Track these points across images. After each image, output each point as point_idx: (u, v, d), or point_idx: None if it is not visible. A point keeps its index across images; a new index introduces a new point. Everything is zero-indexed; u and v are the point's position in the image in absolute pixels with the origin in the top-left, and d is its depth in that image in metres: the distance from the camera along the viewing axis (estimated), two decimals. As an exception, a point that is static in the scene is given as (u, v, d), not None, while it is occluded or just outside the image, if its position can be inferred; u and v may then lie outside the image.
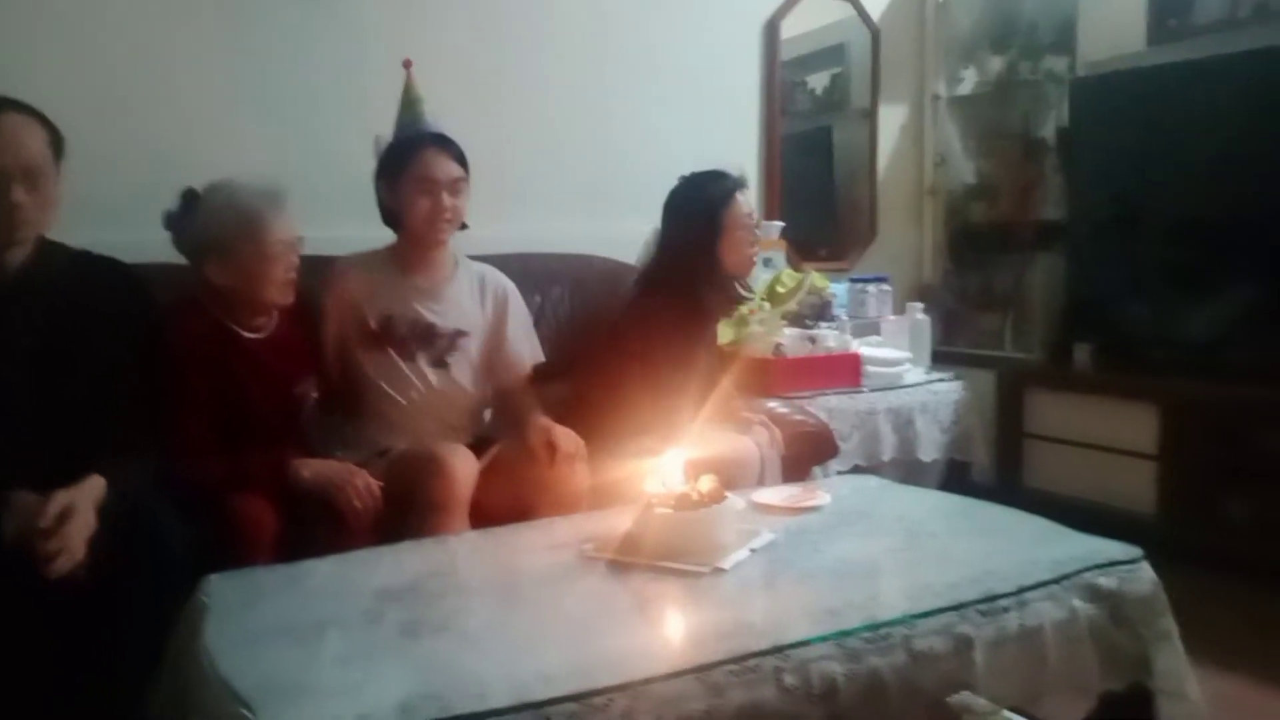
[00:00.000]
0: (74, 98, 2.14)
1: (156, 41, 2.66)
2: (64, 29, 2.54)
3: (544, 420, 2.28)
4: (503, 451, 2.32)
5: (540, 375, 2.51)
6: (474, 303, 2.46)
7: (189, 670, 1.45)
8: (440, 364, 2.38)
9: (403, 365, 2.34)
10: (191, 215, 2.13)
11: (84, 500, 1.70)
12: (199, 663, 1.38)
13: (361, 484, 2.06)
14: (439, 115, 2.44)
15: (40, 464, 1.75)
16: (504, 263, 2.58)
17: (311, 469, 2.08)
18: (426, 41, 2.89)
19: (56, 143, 1.89)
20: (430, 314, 2.38)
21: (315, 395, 2.26)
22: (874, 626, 1.39)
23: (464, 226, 2.42)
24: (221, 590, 1.58)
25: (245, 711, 1.19)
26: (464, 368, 2.41)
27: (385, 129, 2.44)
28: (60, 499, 1.67)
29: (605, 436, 2.32)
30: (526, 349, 2.52)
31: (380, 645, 1.39)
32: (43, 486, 1.69)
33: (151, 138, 2.62)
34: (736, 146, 3.67)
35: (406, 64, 2.45)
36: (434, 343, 2.38)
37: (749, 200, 2.56)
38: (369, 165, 2.42)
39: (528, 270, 2.69)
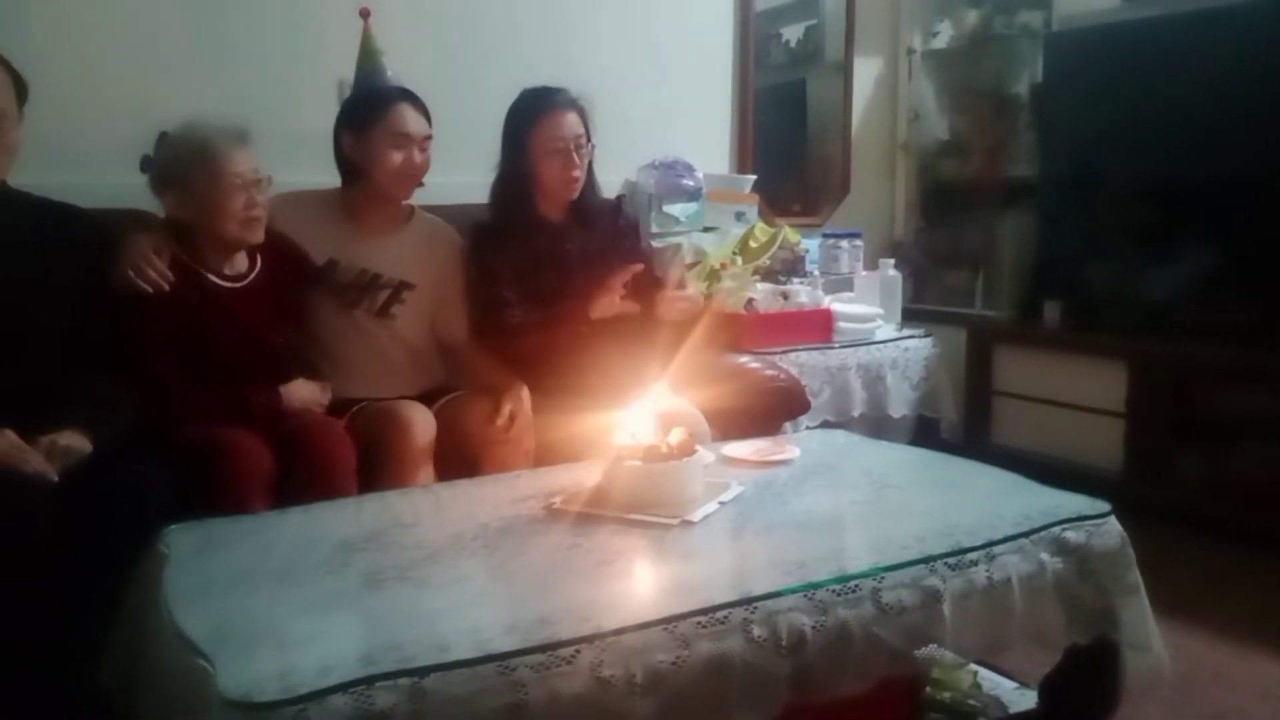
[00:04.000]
0: (32, 43, 2.06)
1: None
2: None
3: (494, 384, 2.30)
4: (449, 404, 2.30)
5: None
6: (423, 255, 2.40)
7: (146, 620, 1.43)
8: (384, 314, 2.35)
9: (343, 312, 2.32)
10: (159, 154, 2.14)
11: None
12: (156, 613, 1.36)
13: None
14: (401, 67, 2.42)
15: (13, 407, 1.73)
16: (466, 213, 2.54)
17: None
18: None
19: (20, 87, 1.85)
20: (375, 264, 2.33)
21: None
22: (843, 579, 1.38)
23: (420, 184, 2.39)
24: (181, 540, 1.54)
25: (202, 662, 1.16)
26: (410, 320, 2.38)
27: (346, 77, 2.39)
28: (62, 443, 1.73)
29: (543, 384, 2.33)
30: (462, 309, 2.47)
31: (341, 596, 1.36)
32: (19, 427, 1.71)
33: (111, 83, 2.54)
34: (709, 99, 3.63)
35: (364, 13, 2.40)
36: (376, 293, 2.34)
37: (568, 122, 2.41)
38: (328, 114, 2.36)
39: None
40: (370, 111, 2.32)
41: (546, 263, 2.44)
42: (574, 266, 2.46)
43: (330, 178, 2.41)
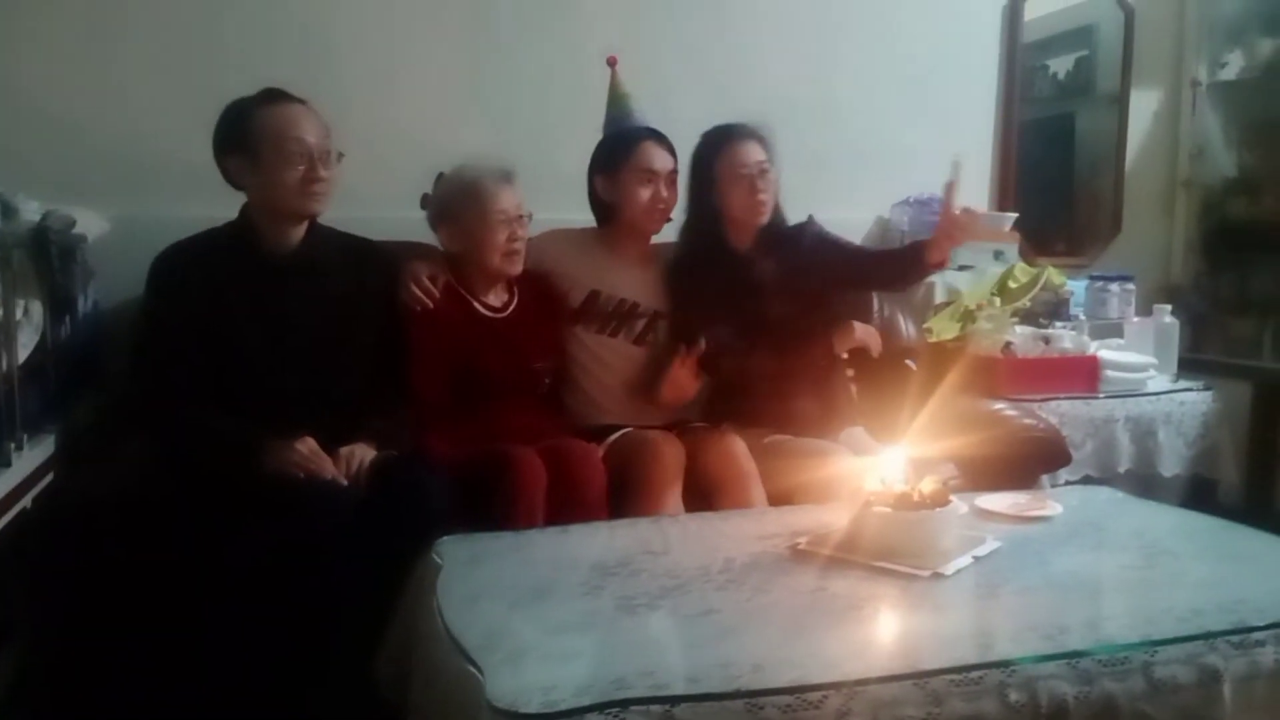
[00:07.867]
0: (336, 95, 2.28)
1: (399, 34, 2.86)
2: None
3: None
4: (684, 435, 2.34)
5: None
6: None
7: (419, 623, 1.54)
8: (641, 342, 2.46)
9: (604, 341, 2.44)
10: (436, 192, 2.33)
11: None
12: (430, 617, 1.47)
13: None
14: (649, 108, 2.52)
15: (316, 419, 1.97)
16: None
17: None
18: (644, 32, 2.98)
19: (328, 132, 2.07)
20: (633, 294, 2.45)
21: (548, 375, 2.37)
22: (1110, 649, 1.30)
23: (669, 219, 2.49)
24: (452, 551, 1.66)
25: (472, 668, 1.25)
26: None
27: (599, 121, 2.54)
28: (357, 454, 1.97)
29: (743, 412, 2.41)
30: None
31: (597, 617, 1.43)
32: (320, 437, 1.95)
33: (397, 129, 2.78)
34: (969, 133, 3.52)
35: (611, 61, 2.53)
36: (635, 321, 2.45)
37: (751, 150, 2.42)
38: (583, 155, 2.51)
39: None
40: (618, 151, 2.44)
41: (739, 291, 2.45)
42: (766, 294, 2.47)
43: (584, 216, 2.55)
